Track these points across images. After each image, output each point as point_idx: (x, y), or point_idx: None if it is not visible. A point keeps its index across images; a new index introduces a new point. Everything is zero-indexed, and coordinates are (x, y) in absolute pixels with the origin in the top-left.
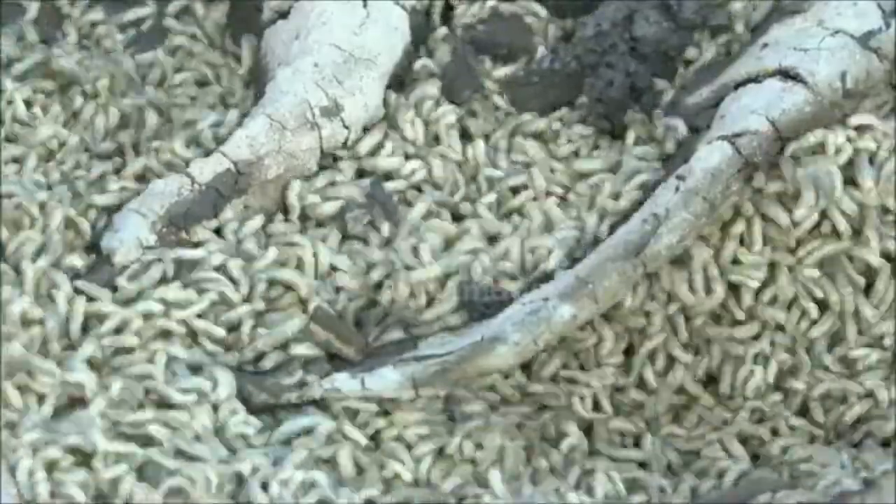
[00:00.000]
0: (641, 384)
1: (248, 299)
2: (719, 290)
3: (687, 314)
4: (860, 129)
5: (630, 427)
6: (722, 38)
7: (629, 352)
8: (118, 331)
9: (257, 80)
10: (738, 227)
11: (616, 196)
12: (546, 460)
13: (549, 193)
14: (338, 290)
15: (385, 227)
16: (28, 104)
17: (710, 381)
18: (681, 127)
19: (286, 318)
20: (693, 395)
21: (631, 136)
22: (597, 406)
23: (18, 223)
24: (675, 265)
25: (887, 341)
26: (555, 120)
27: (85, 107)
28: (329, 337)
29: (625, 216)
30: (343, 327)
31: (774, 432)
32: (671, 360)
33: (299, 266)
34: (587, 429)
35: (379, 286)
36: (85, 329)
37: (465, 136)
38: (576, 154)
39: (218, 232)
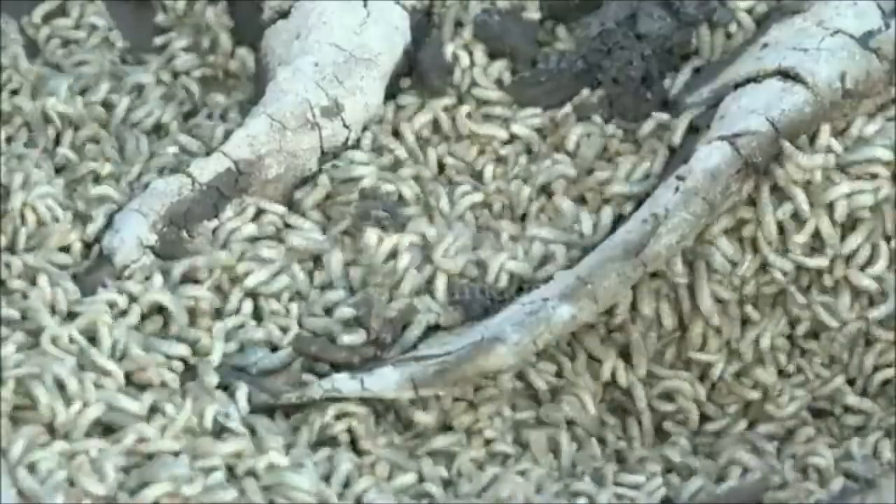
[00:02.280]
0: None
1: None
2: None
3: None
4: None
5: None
6: (724, 33)
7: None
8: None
9: (258, 80)
10: None
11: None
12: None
13: (551, 193)
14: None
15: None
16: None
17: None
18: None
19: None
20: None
21: (646, 128)
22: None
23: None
24: None
25: None
26: (562, 114)
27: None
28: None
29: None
30: (328, 349)
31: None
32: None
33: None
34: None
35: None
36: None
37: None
38: (585, 150)
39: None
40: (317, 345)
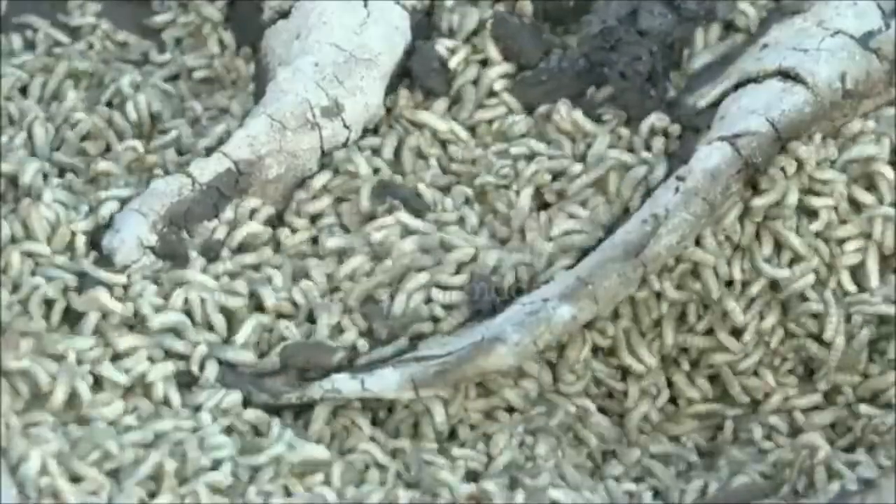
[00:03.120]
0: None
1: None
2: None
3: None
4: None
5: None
6: (726, 30)
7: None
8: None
9: (258, 80)
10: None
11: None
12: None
13: (560, 193)
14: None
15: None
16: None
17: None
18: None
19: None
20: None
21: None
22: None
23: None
24: None
25: None
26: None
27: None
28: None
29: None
30: (315, 354)
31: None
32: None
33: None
34: None
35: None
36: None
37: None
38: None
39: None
40: (304, 354)
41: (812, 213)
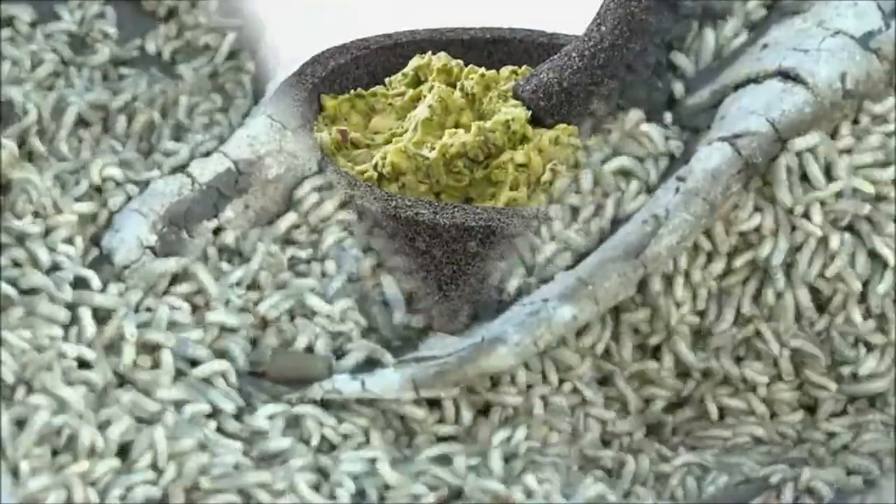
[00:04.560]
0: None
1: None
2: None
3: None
4: None
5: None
6: (723, 28)
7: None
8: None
9: (258, 80)
10: None
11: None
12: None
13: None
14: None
15: None
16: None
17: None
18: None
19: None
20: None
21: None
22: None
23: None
24: None
25: None
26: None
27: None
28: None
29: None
30: (302, 365)
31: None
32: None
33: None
34: None
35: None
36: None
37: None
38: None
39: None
40: (290, 366)
41: None
